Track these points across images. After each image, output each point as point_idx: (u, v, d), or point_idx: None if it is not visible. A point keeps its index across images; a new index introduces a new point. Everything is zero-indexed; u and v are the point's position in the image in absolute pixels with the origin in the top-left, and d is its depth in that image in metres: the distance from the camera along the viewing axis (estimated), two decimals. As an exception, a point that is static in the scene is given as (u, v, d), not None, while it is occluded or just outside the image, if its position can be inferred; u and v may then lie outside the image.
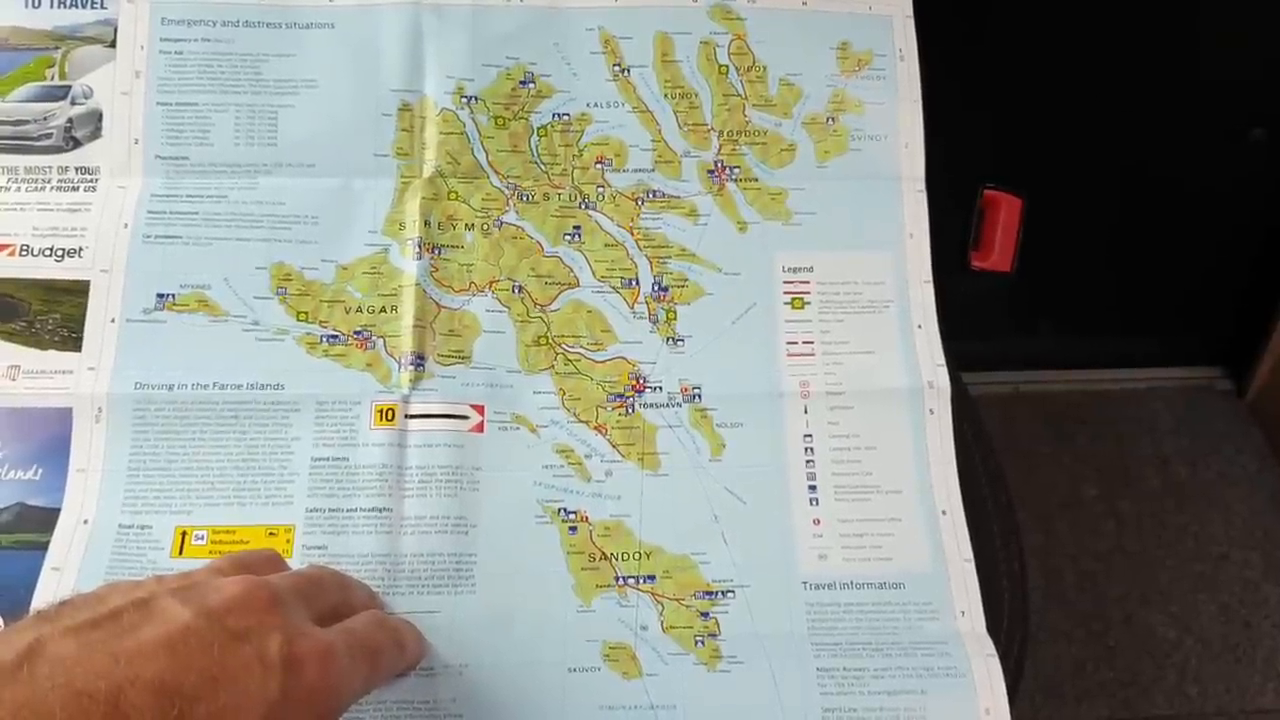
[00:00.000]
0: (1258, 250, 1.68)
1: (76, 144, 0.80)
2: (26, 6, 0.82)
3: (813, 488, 0.76)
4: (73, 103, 0.81)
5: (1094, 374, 1.85)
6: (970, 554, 0.75)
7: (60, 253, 0.77)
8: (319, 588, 0.60)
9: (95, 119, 0.81)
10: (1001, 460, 0.82)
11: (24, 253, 0.77)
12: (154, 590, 0.50)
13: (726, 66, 0.84)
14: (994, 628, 0.73)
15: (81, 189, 0.79)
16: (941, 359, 0.80)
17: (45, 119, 0.80)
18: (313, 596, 0.58)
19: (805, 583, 0.73)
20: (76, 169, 0.80)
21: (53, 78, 0.81)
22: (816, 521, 0.75)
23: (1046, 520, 1.72)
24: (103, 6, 0.82)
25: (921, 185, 0.84)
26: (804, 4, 0.86)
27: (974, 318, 0.85)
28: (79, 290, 0.76)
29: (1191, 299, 1.76)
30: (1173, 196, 1.59)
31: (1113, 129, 1.50)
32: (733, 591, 0.73)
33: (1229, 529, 1.73)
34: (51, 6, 0.82)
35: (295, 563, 0.69)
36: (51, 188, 0.79)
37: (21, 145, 0.80)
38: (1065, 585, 1.67)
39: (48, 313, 0.76)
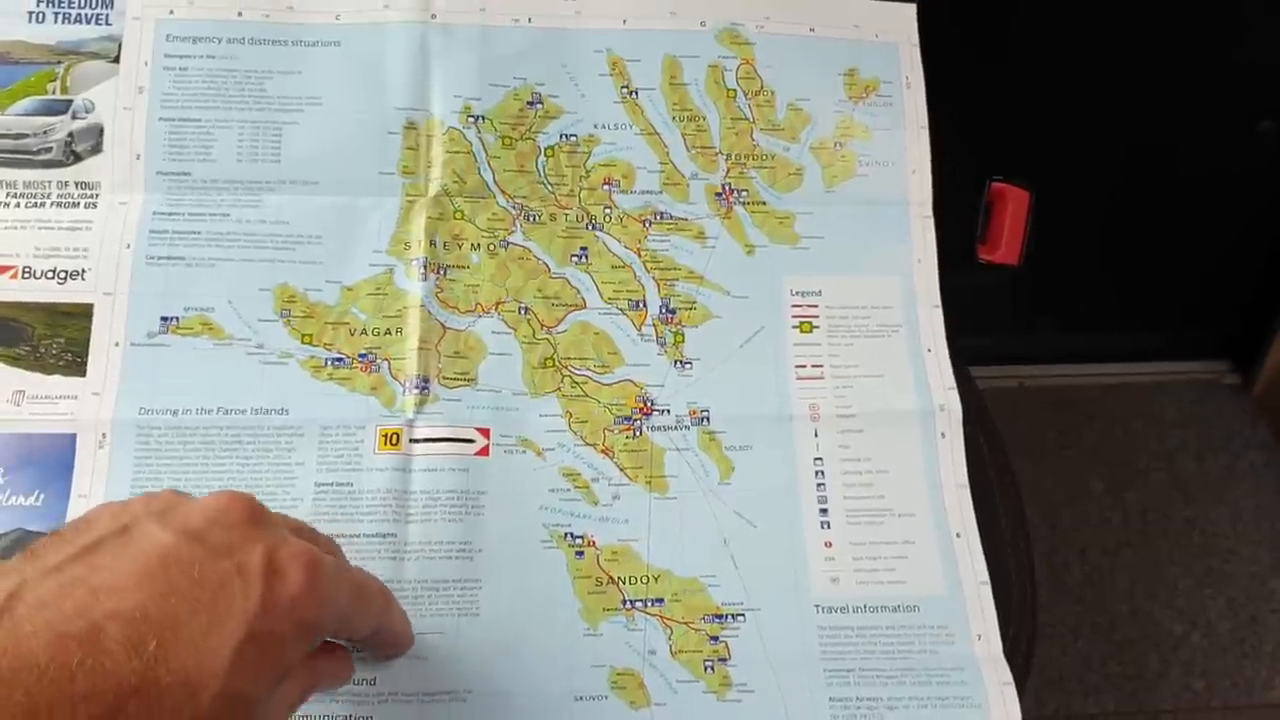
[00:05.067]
0: (1265, 243, 1.68)
1: (77, 158, 0.79)
2: (30, 21, 0.82)
3: (824, 511, 0.75)
4: (74, 117, 0.80)
5: (1100, 368, 1.85)
6: (986, 576, 0.74)
7: (63, 275, 0.77)
8: (310, 530, 0.60)
9: (96, 134, 0.80)
10: (1006, 454, 0.82)
11: (26, 275, 0.77)
12: (137, 514, 0.50)
13: (734, 90, 0.84)
14: (1000, 630, 0.73)
15: (82, 205, 0.79)
16: (952, 382, 0.79)
17: (45, 133, 0.79)
18: (299, 530, 0.57)
19: (817, 606, 0.73)
20: (76, 184, 0.79)
21: (54, 92, 0.80)
22: (828, 545, 0.74)
23: (1053, 515, 1.72)
24: (107, 23, 0.82)
25: (929, 211, 0.84)
26: (811, 30, 0.86)
27: (980, 312, 0.85)
28: (83, 313, 0.76)
29: (1199, 293, 1.76)
30: (1180, 190, 1.58)
31: (1119, 122, 1.49)
32: (743, 615, 0.72)
33: (1236, 523, 1.73)
34: (55, 22, 0.82)
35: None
36: (51, 203, 0.79)
37: (20, 159, 0.79)
38: (1071, 579, 1.68)
39: (52, 337, 0.75)
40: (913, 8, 0.87)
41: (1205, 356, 1.86)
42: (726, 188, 0.82)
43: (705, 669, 0.70)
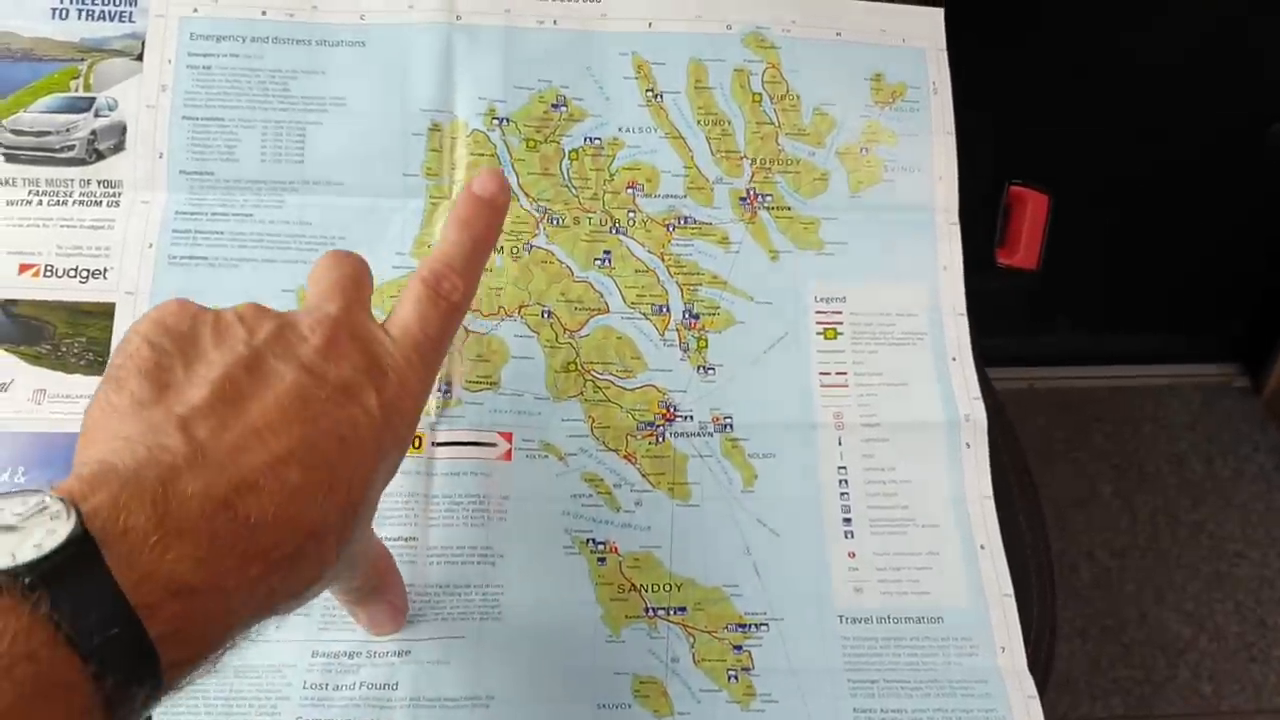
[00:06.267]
0: (1276, 247, 1.67)
1: (99, 156, 0.79)
2: (53, 18, 0.81)
3: (847, 520, 0.75)
4: (96, 115, 0.79)
5: (1110, 370, 1.85)
6: (1010, 588, 0.74)
7: (85, 274, 0.76)
8: (356, 286, 0.58)
9: (119, 132, 0.79)
10: (1026, 458, 0.82)
11: (48, 273, 0.76)
12: (253, 346, 0.50)
13: (760, 94, 0.84)
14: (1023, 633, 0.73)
15: (104, 203, 0.78)
16: (978, 392, 0.79)
17: (68, 130, 0.79)
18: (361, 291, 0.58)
19: (841, 616, 0.72)
20: (99, 182, 0.79)
21: (77, 89, 0.80)
22: (852, 555, 0.74)
23: (1061, 517, 1.72)
24: (131, 20, 0.81)
25: (955, 218, 0.83)
26: (838, 35, 0.86)
27: (989, 314, 0.84)
28: (104, 313, 0.76)
29: (1209, 296, 1.76)
30: (1191, 192, 1.58)
31: (1131, 124, 1.49)
32: (766, 624, 0.72)
33: (1245, 527, 1.73)
34: (79, 19, 0.81)
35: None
36: (74, 201, 0.78)
37: (43, 157, 0.79)
38: (1080, 582, 1.67)
39: (74, 336, 0.75)
40: (940, 12, 0.87)
41: (1215, 359, 1.86)
42: (751, 192, 0.82)
43: (729, 678, 0.70)
